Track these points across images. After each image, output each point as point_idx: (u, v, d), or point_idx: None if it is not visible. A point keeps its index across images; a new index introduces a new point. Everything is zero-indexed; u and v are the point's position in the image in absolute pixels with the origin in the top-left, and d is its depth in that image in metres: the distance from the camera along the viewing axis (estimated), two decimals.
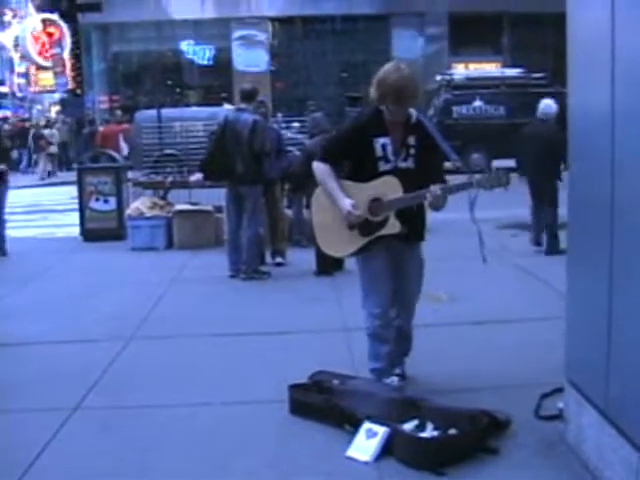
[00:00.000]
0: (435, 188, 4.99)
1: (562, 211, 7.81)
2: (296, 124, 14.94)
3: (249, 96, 9.81)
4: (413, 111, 5.30)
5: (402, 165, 5.22)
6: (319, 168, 5.38)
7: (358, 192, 5.26)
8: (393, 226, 5.19)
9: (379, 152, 5.22)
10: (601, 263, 4.02)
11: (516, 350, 6.27)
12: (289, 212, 11.68)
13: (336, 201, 5.28)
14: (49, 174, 28.43)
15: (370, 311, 5.50)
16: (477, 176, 5.00)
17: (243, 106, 9.76)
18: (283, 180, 10.86)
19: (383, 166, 5.23)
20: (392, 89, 5.08)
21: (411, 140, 5.23)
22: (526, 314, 7.35)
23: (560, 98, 9.55)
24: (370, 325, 5.52)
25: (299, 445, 4.83)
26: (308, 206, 10.30)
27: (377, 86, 5.16)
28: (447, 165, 5.49)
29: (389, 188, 5.17)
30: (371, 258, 5.41)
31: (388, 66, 5.21)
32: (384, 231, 5.21)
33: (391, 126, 5.24)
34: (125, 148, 24.57)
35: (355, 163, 5.39)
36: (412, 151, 5.23)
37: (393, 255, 5.38)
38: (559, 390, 4.93)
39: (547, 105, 11.02)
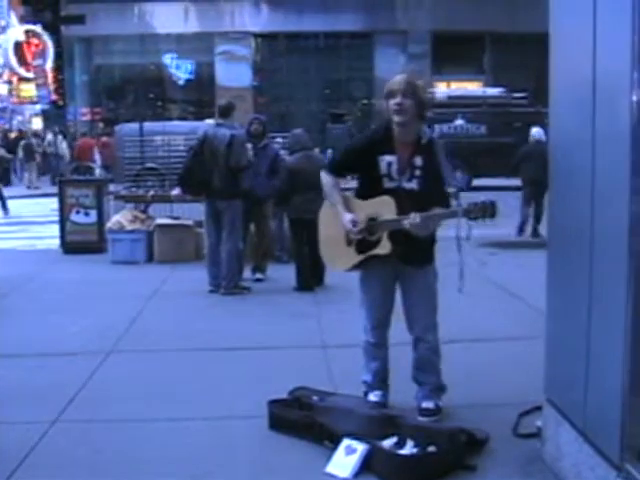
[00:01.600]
0: (415, 216, 4.89)
1: None
2: (278, 140, 14.94)
3: (225, 111, 9.85)
4: (426, 131, 5.27)
5: (406, 185, 5.15)
6: (325, 180, 5.41)
7: (358, 209, 5.25)
8: (384, 247, 5.13)
9: (383, 170, 5.17)
10: (580, 283, 4.05)
11: (495, 368, 6.29)
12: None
13: (338, 215, 5.29)
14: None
15: (364, 325, 5.51)
16: (464, 206, 4.88)
17: (221, 121, 9.80)
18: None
19: (388, 184, 5.18)
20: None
21: (418, 161, 5.15)
22: (505, 332, 7.39)
23: (541, 119, 9.65)
24: (363, 339, 5.53)
25: (278, 461, 4.82)
26: (289, 222, 10.36)
27: (416, 94, 5.11)
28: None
29: (384, 208, 5.12)
30: (368, 275, 5.41)
31: (417, 77, 5.28)
32: (376, 251, 5.18)
33: (399, 145, 5.18)
34: (98, 160, 24.72)
35: (362, 179, 5.41)
36: (417, 172, 5.15)
37: (393, 276, 5.34)
38: (538, 408, 4.95)
39: (538, 130, 13.62)
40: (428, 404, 5.38)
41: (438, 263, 5.38)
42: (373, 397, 5.50)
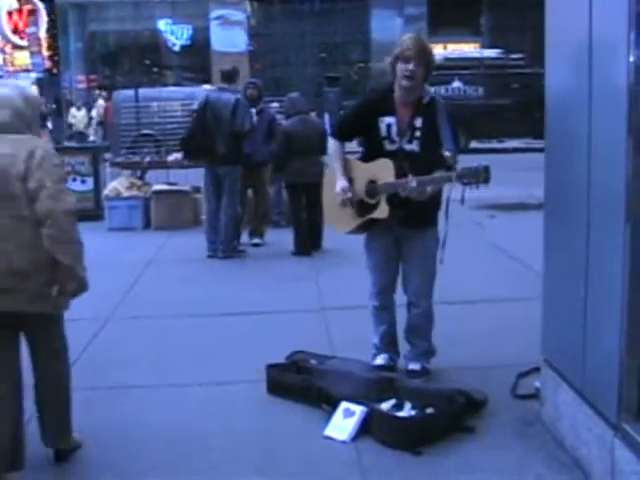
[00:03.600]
0: (411, 179, 4.86)
1: None
2: (275, 104, 14.90)
3: (229, 76, 9.83)
4: (429, 91, 5.22)
5: (407, 147, 5.11)
6: (330, 146, 5.45)
7: (360, 172, 5.23)
8: (382, 211, 5.09)
9: (384, 132, 5.14)
10: (577, 244, 4.04)
11: (493, 330, 6.30)
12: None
13: (336, 179, 5.29)
14: None
15: (370, 289, 5.52)
16: (457, 170, 4.81)
17: (224, 86, 9.76)
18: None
19: (388, 146, 5.15)
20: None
21: (418, 122, 5.10)
22: (503, 294, 7.39)
23: (538, 80, 9.60)
24: (370, 302, 5.54)
25: (277, 424, 4.84)
26: (287, 186, 10.33)
27: (426, 59, 5.05)
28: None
29: (383, 171, 5.07)
30: (372, 238, 5.40)
31: (423, 39, 5.20)
32: (374, 214, 5.15)
33: (400, 106, 5.14)
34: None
35: (364, 141, 5.38)
36: (417, 133, 5.10)
37: (395, 239, 5.32)
38: (536, 369, 4.96)
39: None
40: (415, 366, 5.42)
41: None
42: (380, 360, 5.51)
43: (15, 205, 3.93)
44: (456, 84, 23.60)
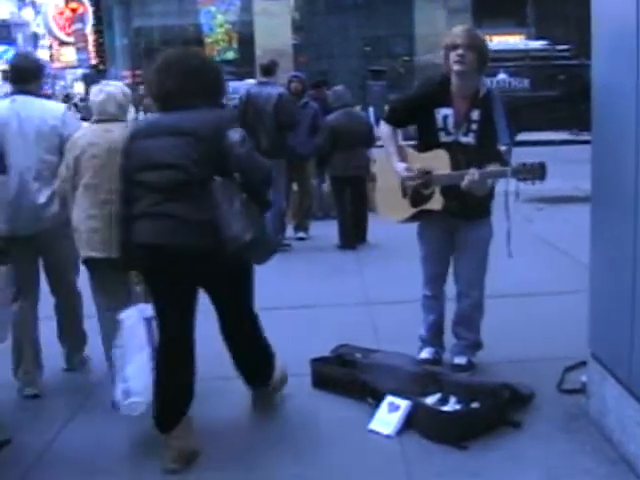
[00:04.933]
0: (474, 171, 4.81)
1: None
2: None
3: (268, 70, 9.85)
4: (486, 83, 5.20)
5: (463, 139, 5.08)
6: (382, 130, 5.38)
7: (415, 161, 5.19)
8: (437, 202, 5.06)
9: (440, 123, 5.11)
10: (625, 236, 4.00)
11: (540, 323, 6.25)
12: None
13: (392, 165, 5.24)
14: None
15: (422, 278, 5.50)
16: (513, 165, 4.80)
17: (264, 80, 9.78)
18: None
19: (444, 138, 5.12)
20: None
21: (475, 114, 5.06)
22: (550, 287, 7.33)
23: (584, 71, 9.51)
24: (422, 291, 5.53)
25: (322, 418, 4.86)
26: (331, 180, 10.32)
27: (479, 47, 5.04)
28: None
29: (438, 162, 5.04)
30: (425, 229, 5.39)
31: (476, 31, 5.19)
32: (428, 205, 5.13)
33: (456, 97, 5.10)
34: None
35: (419, 131, 5.34)
36: (474, 126, 5.07)
37: (449, 230, 5.29)
38: (583, 364, 4.92)
39: None
40: (460, 360, 5.40)
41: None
42: (425, 354, 5.50)
43: None
44: (501, 76, 23.38)
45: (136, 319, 4.60)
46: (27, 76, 5.39)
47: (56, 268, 5.52)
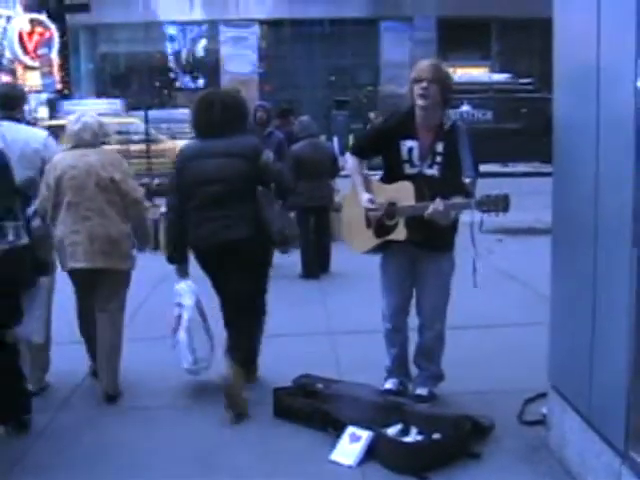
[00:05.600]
0: (439, 202, 4.84)
1: None
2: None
3: None
4: (450, 116, 5.23)
5: (427, 171, 5.10)
6: (348, 162, 5.43)
7: (379, 193, 5.22)
8: (400, 232, 5.09)
9: (405, 155, 5.14)
10: (584, 269, 4.03)
11: (500, 355, 6.28)
12: None
13: (358, 195, 5.27)
14: None
15: (383, 311, 5.51)
16: (477, 198, 4.83)
17: None
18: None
19: (409, 169, 5.14)
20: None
21: (439, 147, 5.09)
22: (510, 319, 7.37)
23: (546, 104, 9.63)
24: (383, 324, 5.53)
25: (283, 448, 4.83)
26: (295, 209, 10.31)
27: (442, 81, 5.09)
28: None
29: (403, 193, 5.06)
30: (388, 260, 5.40)
31: (441, 64, 5.26)
32: (392, 236, 5.15)
33: (421, 130, 5.14)
34: None
35: (385, 162, 5.36)
36: (438, 158, 5.09)
37: (411, 261, 5.30)
38: (543, 395, 4.94)
39: None
40: (422, 390, 5.41)
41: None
42: (389, 385, 5.51)
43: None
44: (465, 108, 23.63)
45: (194, 301, 5.94)
46: (13, 104, 5.97)
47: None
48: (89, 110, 6.72)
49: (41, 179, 5.67)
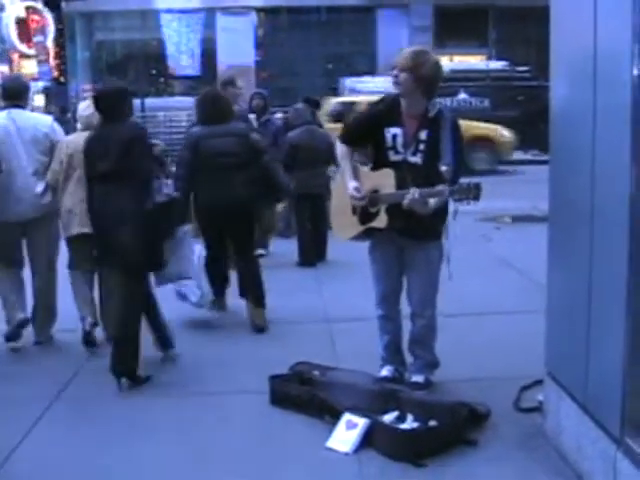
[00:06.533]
0: (414, 191, 4.85)
1: None
2: (279, 115, 14.91)
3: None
4: (437, 103, 5.19)
5: (411, 159, 5.11)
6: (338, 149, 5.45)
7: (364, 180, 5.23)
8: (381, 220, 5.11)
9: (389, 142, 5.15)
10: (581, 257, 4.03)
11: (497, 342, 6.29)
12: None
13: (345, 182, 5.28)
14: None
15: (375, 299, 5.51)
16: (450, 186, 4.81)
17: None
18: None
19: (393, 157, 5.15)
20: (428, 79, 5.02)
21: (422, 135, 5.09)
22: (507, 306, 7.38)
23: (543, 92, 9.62)
24: (375, 311, 5.54)
25: (279, 436, 4.84)
26: (292, 197, 10.30)
27: (414, 69, 5.00)
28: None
29: (384, 181, 5.09)
30: (375, 247, 5.41)
31: (423, 52, 5.14)
32: (374, 223, 5.16)
33: (406, 117, 5.14)
34: None
35: (372, 149, 5.36)
36: (421, 146, 5.09)
37: (398, 248, 5.31)
38: (539, 382, 4.95)
39: None
40: (418, 378, 5.42)
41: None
42: (384, 372, 5.51)
43: None
44: (462, 96, 23.57)
45: (199, 253, 6.87)
46: (19, 94, 6.63)
47: (42, 246, 6.67)
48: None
49: (52, 159, 6.45)
